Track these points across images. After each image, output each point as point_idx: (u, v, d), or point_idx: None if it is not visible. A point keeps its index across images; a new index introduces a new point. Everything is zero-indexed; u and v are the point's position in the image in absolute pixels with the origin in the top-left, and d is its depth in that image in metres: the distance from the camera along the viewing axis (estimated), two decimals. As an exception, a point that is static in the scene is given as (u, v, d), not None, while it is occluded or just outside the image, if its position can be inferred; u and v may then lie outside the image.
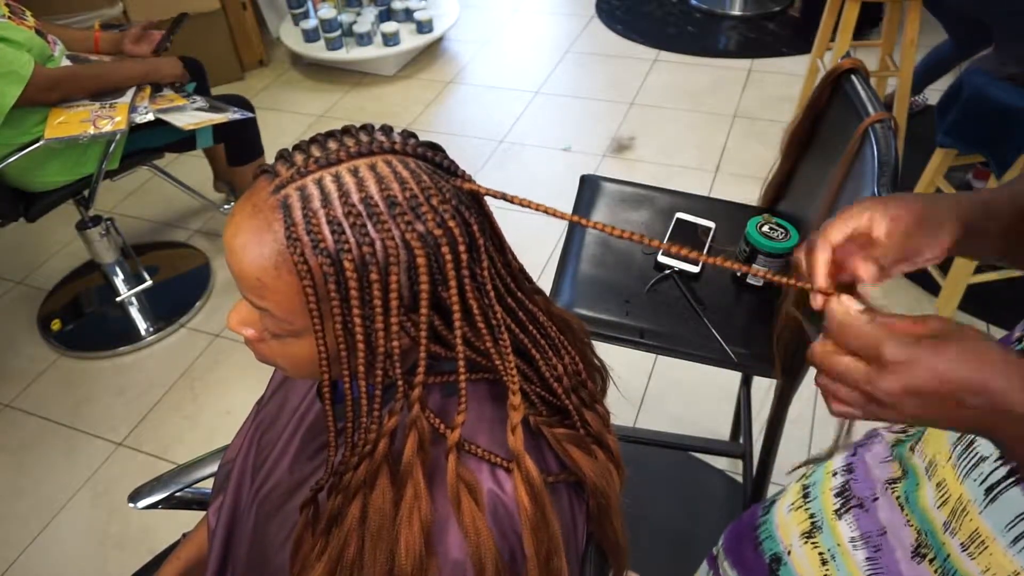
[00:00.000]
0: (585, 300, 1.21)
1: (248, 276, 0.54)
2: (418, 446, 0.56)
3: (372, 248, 0.51)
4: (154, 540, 1.62)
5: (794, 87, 2.79)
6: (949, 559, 0.66)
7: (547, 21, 3.71)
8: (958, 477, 0.64)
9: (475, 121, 2.93)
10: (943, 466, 0.67)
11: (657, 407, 1.81)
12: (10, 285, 2.34)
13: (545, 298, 0.65)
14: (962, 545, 0.64)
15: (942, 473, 0.67)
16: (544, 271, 2.15)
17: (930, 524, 0.68)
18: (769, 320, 1.14)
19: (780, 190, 1.32)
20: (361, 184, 0.52)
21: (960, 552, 0.64)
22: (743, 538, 0.93)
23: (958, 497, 0.64)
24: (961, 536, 0.64)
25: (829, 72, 1.13)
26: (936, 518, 0.67)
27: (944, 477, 0.66)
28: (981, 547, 0.62)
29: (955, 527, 0.65)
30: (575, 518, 0.65)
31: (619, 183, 1.42)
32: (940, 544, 0.67)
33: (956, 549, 0.65)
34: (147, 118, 1.73)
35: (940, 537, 0.67)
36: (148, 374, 2.01)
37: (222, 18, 3.06)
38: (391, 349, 0.54)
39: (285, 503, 0.73)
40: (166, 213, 2.56)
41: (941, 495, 0.67)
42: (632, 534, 0.70)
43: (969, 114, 1.66)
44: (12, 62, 1.55)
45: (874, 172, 0.92)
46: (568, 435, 0.63)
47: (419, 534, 0.55)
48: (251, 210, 0.54)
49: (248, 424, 0.86)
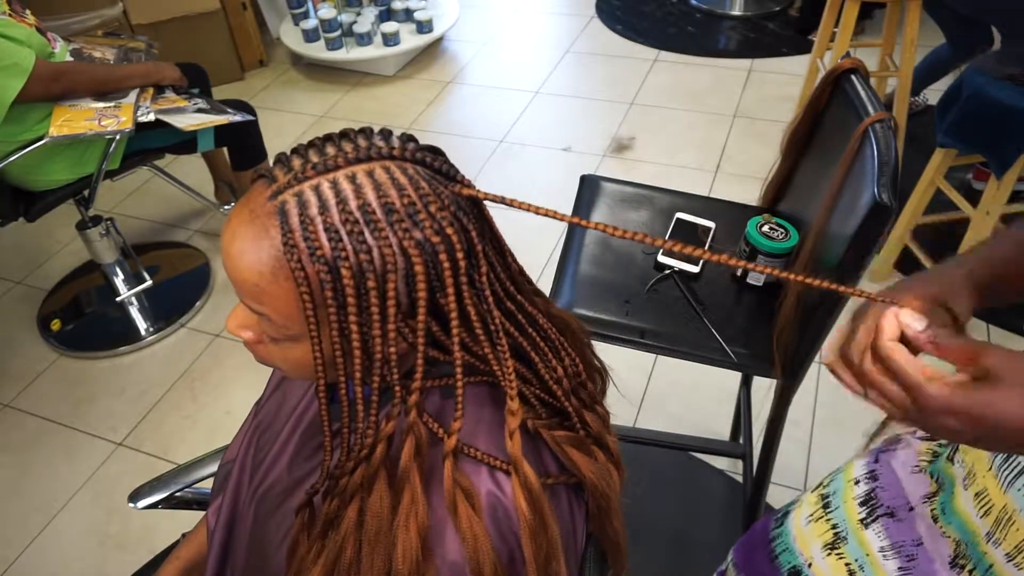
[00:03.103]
0: (585, 300, 1.21)
1: (245, 282, 0.54)
2: (415, 451, 0.56)
3: (369, 256, 0.51)
4: (154, 540, 1.62)
5: (794, 87, 2.79)
6: (992, 569, 0.65)
7: (547, 21, 3.71)
8: (1001, 487, 0.64)
9: (475, 121, 2.93)
10: (983, 475, 0.66)
11: (657, 407, 1.81)
12: (10, 285, 2.34)
13: (545, 299, 0.65)
14: (1008, 556, 0.63)
15: (982, 482, 0.66)
16: (544, 272, 2.15)
17: (971, 535, 0.68)
18: (769, 320, 1.14)
19: (780, 190, 1.31)
20: (359, 191, 0.52)
21: (1005, 563, 0.64)
22: (756, 552, 0.91)
23: (1002, 507, 0.64)
24: (1007, 546, 0.63)
25: (829, 72, 1.13)
26: (978, 528, 0.67)
27: (985, 486, 0.66)
28: None
29: (999, 537, 0.64)
30: (574, 520, 0.65)
31: (619, 183, 1.42)
32: (981, 554, 0.66)
33: (1000, 560, 0.64)
34: (148, 118, 1.74)
35: (982, 547, 0.66)
36: (148, 374, 2.01)
37: (222, 18, 3.06)
38: (388, 355, 0.54)
39: (283, 502, 0.73)
40: (166, 213, 2.56)
41: (983, 504, 0.66)
42: (632, 534, 0.70)
43: (969, 114, 1.66)
44: (13, 55, 1.56)
45: (874, 172, 0.92)
46: (568, 437, 0.63)
47: (416, 538, 0.55)
48: (248, 216, 0.53)
49: (247, 424, 0.86)
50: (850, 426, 1.73)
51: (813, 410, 1.77)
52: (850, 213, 0.94)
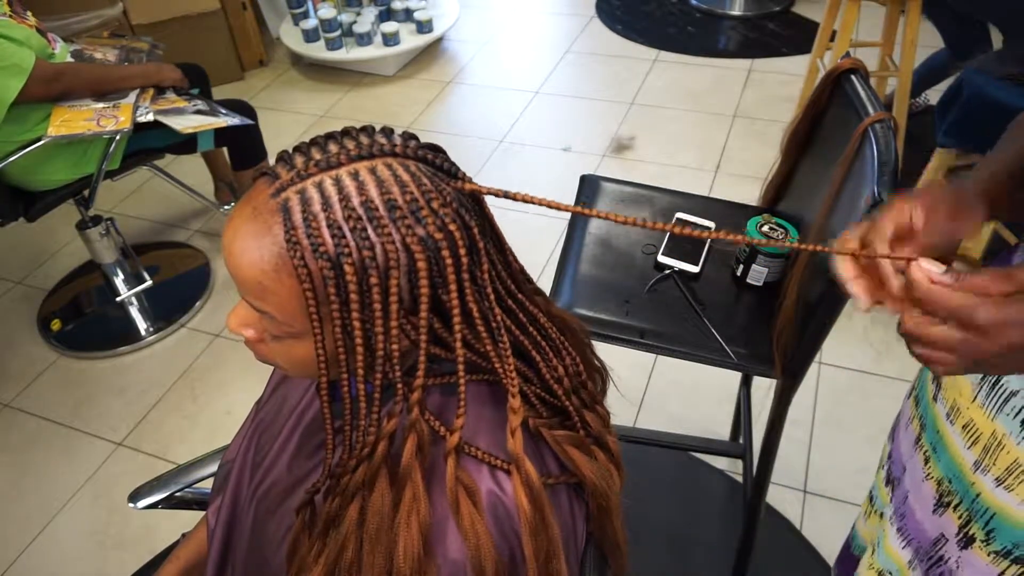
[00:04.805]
0: (585, 300, 1.21)
1: (248, 279, 0.54)
2: (417, 449, 0.56)
3: (372, 252, 0.51)
4: (154, 540, 1.62)
5: (794, 87, 2.79)
6: (979, 499, 0.67)
7: (547, 21, 3.71)
8: (988, 415, 0.66)
9: (475, 121, 2.93)
10: (967, 408, 0.68)
11: (657, 407, 1.81)
12: (10, 285, 2.34)
13: (545, 298, 0.65)
14: (997, 480, 0.65)
15: (967, 415, 0.68)
16: (544, 271, 2.15)
17: (957, 468, 0.70)
18: (769, 320, 1.14)
19: (780, 190, 1.31)
20: (361, 187, 0.52)
21: (994, 488, 0.66)
22: (848, 565, 0.99)
23: (991, 433, 0.66)
24: (996, 471, 0.65)
25: (829, 72, 1.13)
26: (965, 460, 0.69)
27: (971, 418, 0.68)
28: (1021, 476, 0.63)
29: (987, 464, 0.66)
30: (575, 519, 0.65)
31: (619, 183, 1.42)
32: (968, 485, 0.69)
33: (989, 486, 0.66)
34: (147, 118, 1.74)
35: (968, 478, 0.68)
36: (148, 374, 2.01)
37: (222, 18, 3.06)
38: (390, 351, 0.54)
39: (284, 501, 0.73)
40: (166, 213, 2.56)
41: (970, 435, 0.68)
42: (632, 534, 0.70)
43: (969, 114, 1.66)
44: (13, 55, 1.56)
45: (874, 172, 0.92)
46: (568, 436, 0.63)
47: (417, 536, 0.55)
48: (251, 213, 0.54)
49: (248, 424, 0.86)
50: (850, 426, 1.73)
51: (813, 410, 1.77)
52: (850, 213, 0.94)
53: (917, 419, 0.79)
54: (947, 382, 0.73)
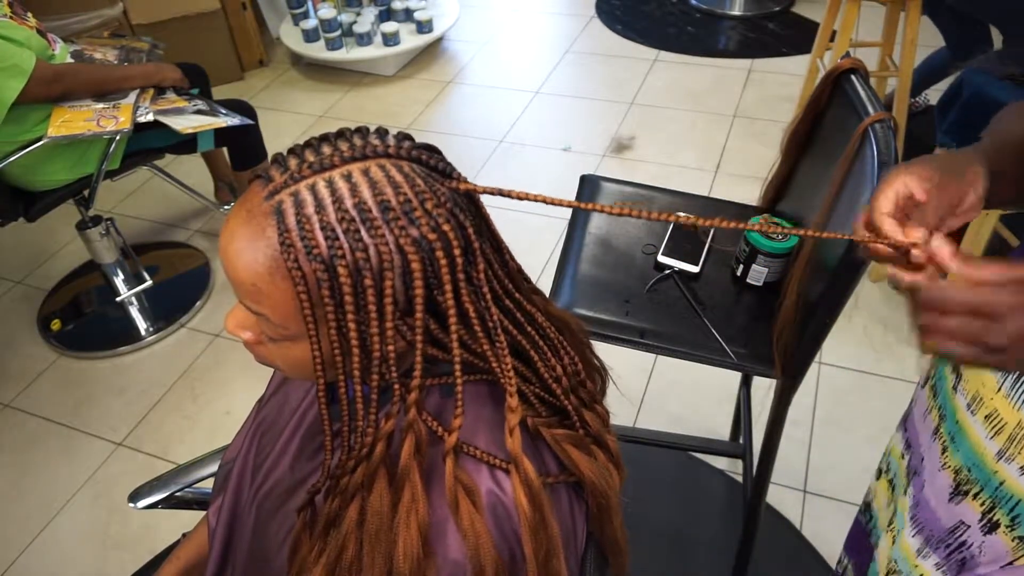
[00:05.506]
0: (585, 300, 1.21)
1: (243, 282, 0.54)
2: (415, 449, 0.56)
3: (366, 253, 0.51)
4: (154, 540, 1.62)
5: (794, 87, 2.79)
6: (1003, 486, 0.68)
7: (547, 21, 3.71)
8: (1013, 405, 0.66)
9: (475, 121, 2.93)
10: (991, 399, 0.69)
11: (657, 407, 1.81)
12: (10, 285, 2.34)
13: (543, 298, 0.65)
14: (1022, 468, 0.66)
15: (991, 405, 0.69)
16: (544, 271, 2.15)
17: (978, 457, 0.70)
18: (769, 320, 1.14)
19: (780, 190, 1.31)
20: (355, 189, 0.52)
21: (1019, 476, 0.66)
22: (862, 548, 1.00)
23: (1017, 423, 0.66)
24: (1022, 459, 0.66)
25: (829, 72, 1.13)
26: (987, 449, 0.69)
27: (995, 408, 0.68)
28: None
29: (1012, 453, 0.67)
30: (575, 519, 0.65)
31: (619, 183, 1.42)
32: (991, 474, 0.69)
33: (1014, 474, 0.67)
34: (147, 118, 1.74)
35: (991, 467, 0.69)
36: (148, 374, 2.01)
37: (222, 18, 3.06)
38: (387, 353, 0.54)
39: (285, 502, 0.73)
40: (166, 213, 2.56)
41: (993, 425, 0.69)
42: (632, 534, 0.70)
43: (969, 114, 1.65)
44: (13, 56, 1.56)
45: (874, 172, 0.92)
46: (567, 436, 0.63)
47: (417, 536, 0.55)
48: (245, 216, 0.54)
49: (248, 424, 0.86)
50: (850, 426, 1.73)
51: (813, 410, 1.77)
52: (850, 213, 0.94)
53: (936, 409, 0.79)
54: (969, 373, 0.73)
